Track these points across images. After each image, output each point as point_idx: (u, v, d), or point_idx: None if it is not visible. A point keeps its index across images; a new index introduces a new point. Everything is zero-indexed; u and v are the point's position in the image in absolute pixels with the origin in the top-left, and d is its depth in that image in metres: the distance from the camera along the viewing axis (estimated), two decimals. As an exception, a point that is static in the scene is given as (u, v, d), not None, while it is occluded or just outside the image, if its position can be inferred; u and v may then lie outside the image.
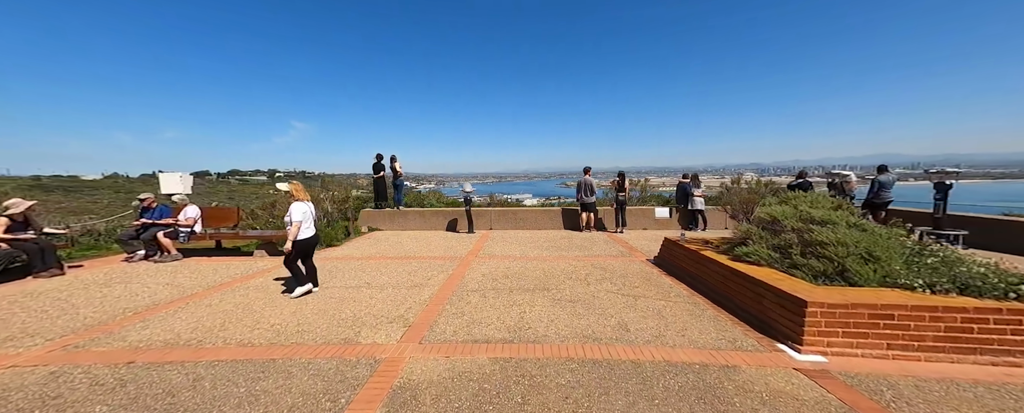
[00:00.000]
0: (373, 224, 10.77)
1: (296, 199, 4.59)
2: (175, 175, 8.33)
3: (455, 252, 7.47)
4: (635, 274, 5.54)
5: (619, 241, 8.44)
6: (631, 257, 6.78)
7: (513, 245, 8.15)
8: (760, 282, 3.56)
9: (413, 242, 8.67)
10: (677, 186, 10.40)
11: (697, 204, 9.65)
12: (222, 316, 4.01)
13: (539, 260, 6.64)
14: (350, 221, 9.23)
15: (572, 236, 9.25)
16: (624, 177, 9.85)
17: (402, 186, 11.14)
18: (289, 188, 4.70)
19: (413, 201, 15.55)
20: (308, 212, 4.61)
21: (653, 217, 10.28)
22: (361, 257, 7.06)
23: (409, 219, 10.82)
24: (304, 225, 4.53)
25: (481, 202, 14.11)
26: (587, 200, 9.82)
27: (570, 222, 10.54)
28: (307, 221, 4.58)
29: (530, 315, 3.96)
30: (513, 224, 10.72)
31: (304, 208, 4.54)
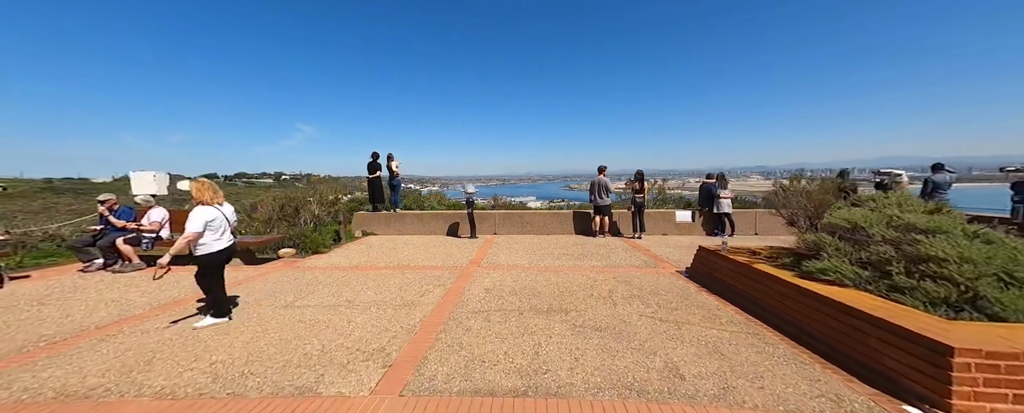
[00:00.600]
0: (368, 228, 9.94)
1: (199, 202, 3.61)
2: (148, 174, 7.53)
3: (455, 260, 6.60)
4: (669, 290, 4.63)
5: (639, 248, 7.53)
6: (658, 268, 5.87)
7: (520, 252, 7.27)
8: (859, 312, 2.65)
9: (410, 248, 7.81)
10: (700, 187, 9.48)
11: (724, 207, 8.72)
12: (155, 348, 3.16)
13: (552, 271, 5.75)
14: (341, 225, 8.40)
15: (585, 242, 8.35)
16: (643, 177, 8.95)
17: (399, 187, 10.31)
18: (190, 188, 3.75)
19: (413, 203, 14.72)
20: (220, 220, 3.64)
21: (674, 221, 9.36)
22: (348, 266, 6.20)
23: (407, 223, 9.97)
24: (209, 236, 3.55)
25: (485, 205, 13.25)
26: (602, 202, 8.93)
27: (582, 226, 9.64)
28: (215, 232, 3.59)
29: (547, 349, 3.07)
30: (519, 228, 9.84)
31: (209, 215, 3.54)
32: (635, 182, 8.89)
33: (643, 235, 8.86)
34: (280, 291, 4.79)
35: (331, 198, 7.87)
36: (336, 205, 8.15)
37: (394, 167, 10.00)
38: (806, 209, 3.98)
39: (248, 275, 5.65)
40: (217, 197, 3.74)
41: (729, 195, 8.82)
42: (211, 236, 3.58)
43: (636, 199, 8.84)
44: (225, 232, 3.73)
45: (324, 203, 7.67)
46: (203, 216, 3.51)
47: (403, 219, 9.99)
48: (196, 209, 3.54)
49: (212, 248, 3.60)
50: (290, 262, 6.56)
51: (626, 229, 9.44)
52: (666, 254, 6.91)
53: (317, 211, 7.53)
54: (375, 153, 10.03)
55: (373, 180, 9.98)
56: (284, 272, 5.82)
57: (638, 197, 8.84)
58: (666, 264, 6.14)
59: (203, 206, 3.59)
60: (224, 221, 3.73)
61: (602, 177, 9.02)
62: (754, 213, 9.12)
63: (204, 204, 3.61)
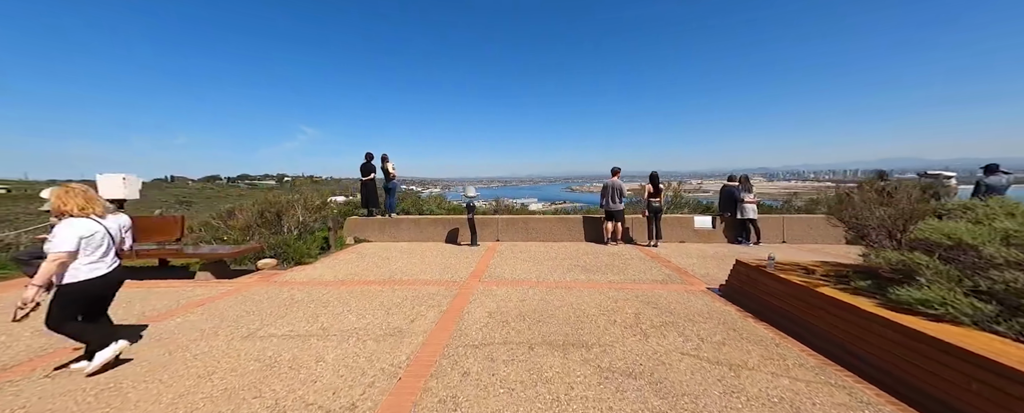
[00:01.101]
0: (361, 234, 9.22)
1: (65, 214, 2.77)
2: (117, 177, 6.81)
3: (454, 273, 5.87)
4: (707, 316, 3.88)
5: (658, 258, 6.78)
6: (685, 284, 5.12)
7: (526, 263, 6.53)
8: (1013, 372, 1.90)
9: (404, 258, 7.09)
10: (721, 190, 8.72)
11: (748, 212, 7.96)
12: (56, 402, 2.43)
13: (563, 287, 5.01)
14: (331, 231, 7.68)
15: (597, 251, 7.60)
16: (658, 180, 8.21)
17: (395, 190, 9.60)
18: (49, 196, 2.95)
19: (411, 206, 14.03)
20: (100, 236, 2.83)
21: (692, 227, 8.60)
22: (332, 281, 5.48)
23: (402, 229, 9.25)
24: (83, 259, 2.73)
25: (486, 209, 12.53)
26: (614, 207, 8.19)
27: (592, 233, 8.90)
28: (90, 253, 2.76)
29: (570, 410, 2.34)
30: (524, 235, 9.11)
31: (83, 229, 2.74)
32: (650, 185, 8.14)
33: (660, 243, 8.11)
34: (246, 315, 4.07)
35: (318, 202, 7.15)
36: (324, 210, 7.43)
37: (389, 169, 9.30)
38: (888, 220, 3.23)
39: (215, 292, 4.92)
40: (92, 206, 2.87)
41: (754, 199, 8.06)
42: (85, 259, 2.75)
43: (652, 204, 8.09)
44: (107, 253, 2.91)
45: (310, 208, 6.96)
46: (76, 231, 2.69)
47: (398, 225, 9.27)
48: (63, 223, 2.72)
49: (82, 275, 2.72)
50: (268, 275, 5.84)
51: (639, 236, 8.70)
52: (690, 266, 6.16)
53: (302, 217, 6.82)
54: (369, 154, 9.33)
55: (366, 183, 9.28)
56: (257, 288, 5.09)
57: (654, 201, 8.09)
58: (693, 279, 5.39)
59: (73, 219, 2.75)
60: (106, 237, 2.89)
61: (615, 179, 8.29)
62: (781, 218, 8.35)
63: (71, 216, 2.76)
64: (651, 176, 8.24)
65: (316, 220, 7.39)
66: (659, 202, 8.17)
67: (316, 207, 7.06)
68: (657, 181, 8.18)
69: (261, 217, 6.46)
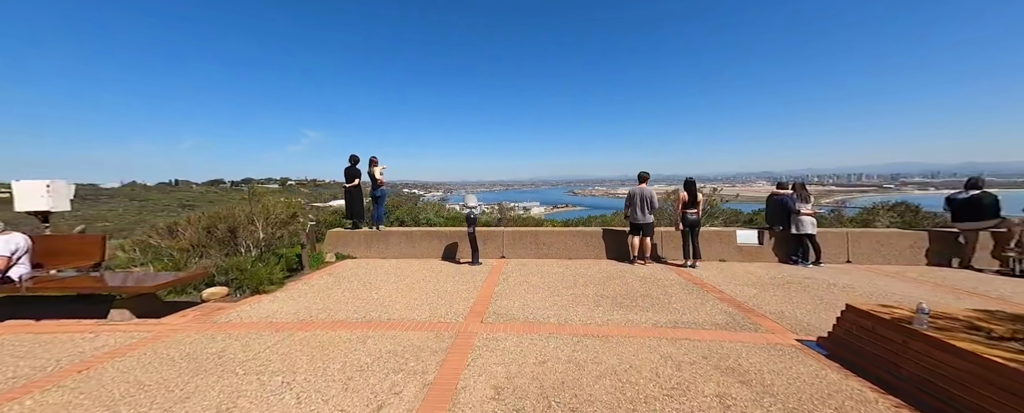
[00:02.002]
0: (345, 249, 7.92)
1: None
2: (39, 184, 5.55)
3: (449, 307, 4.56)
4: (826, 398, 2.54)
5: (704, 286, 5.43)
6: (764, 333, 3.76)
7: (540, 292, 5.20)
8: None
9: (390, 282, 5.77)
10: (768, 200, 7.37)
11: (806, 226, 6.60)
12: None
13: (596, 336, 3.67)
14: (304, 248, 6.38)
15: (624, 274, 6.26)
16: (695, 187, 6.88)
17: (383, 198, 8.30)
18: None
19: (406, 215, 12.73)
20: None
21: (733, 243, 7.25)
22: (290, 322, 4.16)
23: (392, 243, 7.95)
24: None
25: (489, 218, 11.21)
26: (643, 220, 6.86)
27: (614, 249, 7.56)
28: None
29: None
30: (534, 250, 7.78)
31: None
32: (684, 193, 6.81)
33: (697, 263, 6.76)
34: (133, 392, 2.75)
35: (284, 216, 5.83)
36: (293, 223, 6.12)
37: (377, 174, 8.01)
38: None
39: (123, 342, 3.61)
40: None
41: (813, 211, 6.70)
42: None
43: (688, 216, 6.75)
44: None
45: (273, 223, 5.64)
46: None
47: (388, 239, 7.96)
48: None
49: None
50: (210, 311, 4.52)
51: (669, 253, 7.37)
52: (751, 299, 4.81)
53: (263, 234, 5.51)
54: (354, 157, 8.05)
55: (351, 190, 7.99)
56: (182, 336, 3.78)
57: (690, 213, 6.75)
58: (768, 322, 4.04)
59: None
60: None
61: (644, 187, 6.97)
62: (845, 234, 6.96)
63: None
64: (686, 183, 6.91)
65: (282, 237, 6.09)
66: (696, 214, 6.84)
67: (281, 221, 5.77)
68: (694, 188, 6.85)
69: (208, 234, 5.18)
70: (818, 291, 5.14)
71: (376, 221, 8.14)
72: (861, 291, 5.14)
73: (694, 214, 6.82)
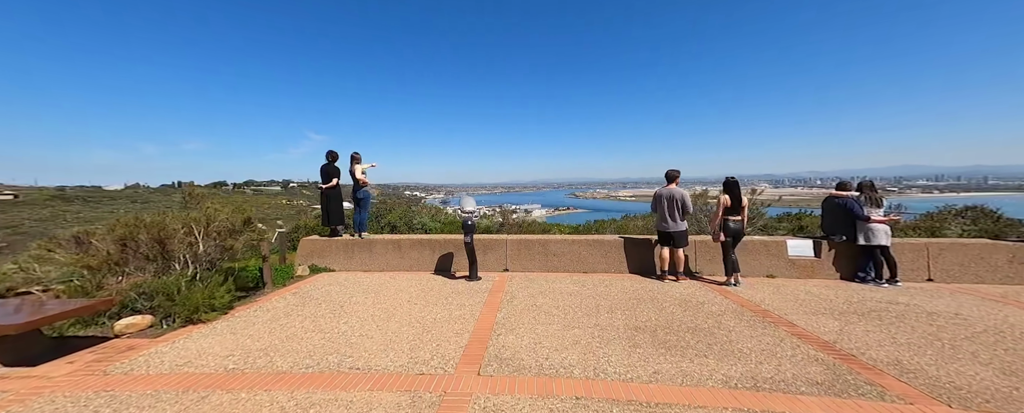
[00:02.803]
0: (321, 260, 6.77)
1: None
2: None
3: (435, 351, 3.38)
4: None
5: (766, 315, 4.24)
6: (901, 403, 2.57)
7: (556, 323, 4.02)
8: None
9: (365, 307, 4.60)
10: (825, 203, 6.15)
11: (879, 237, 5.39)
12: None
13: (648, 405, 2.49)
14: (265, 261, 5.24)
15: (656, 295, 5.07)
16: (739, 189, 5.69)
17: (367, 202, 7.14)
18: None
19: (399, 220, 11.57)
20: None
21: (784, 256, 6.04)
22: (215, 373, 2.99)
23: (377, 253, 6.78)
24: None
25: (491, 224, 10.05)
26: (674, 227, 5.68)
27: (636, 261, 6.38)
28: None
29: None
30: (542, 262, 6.61)
31: None
32: (726, 196, 5.62)
33: (740, 280, 5.57)
34: None
35: (231, 224, 4.62)
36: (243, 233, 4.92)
37: (359, 174, 6.86)
38: None
39: None
40: None
41: (888, 218, 5.48)
42: None
43: (730, 224, 5.56)
44: None
45: (214, 234, 4.43)
46: None
47: (371, 248, 6.80)
48: None
49: None
50: (110, 355, 3.36)
51: (701, 265, 6.18)
52: (839, 336, 3.60)
53: (202, 248, 4.34)
54: (332, 153, 6.89)
55: (329, 191, 6.84)
56: (42, 402, 2.62)
57: (733, 220, 5.57)
58: (887, 377, 2.84)
59: None
60: None
61: (674, 188, 5.79)
62: (924, 246, 5.73)
63: None
64: (728, 184, 5.71)
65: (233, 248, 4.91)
66: (740, 221, 5.65)
67: (227, 231, 4.58)
68: (738, 190, 5.66)
69: (123, 248, 4.01)
70: (921, 324, 3.93)
71: (358, 228, 6.98)
72: (978, 323, 3.93)
73: (738, 222, 5.64)
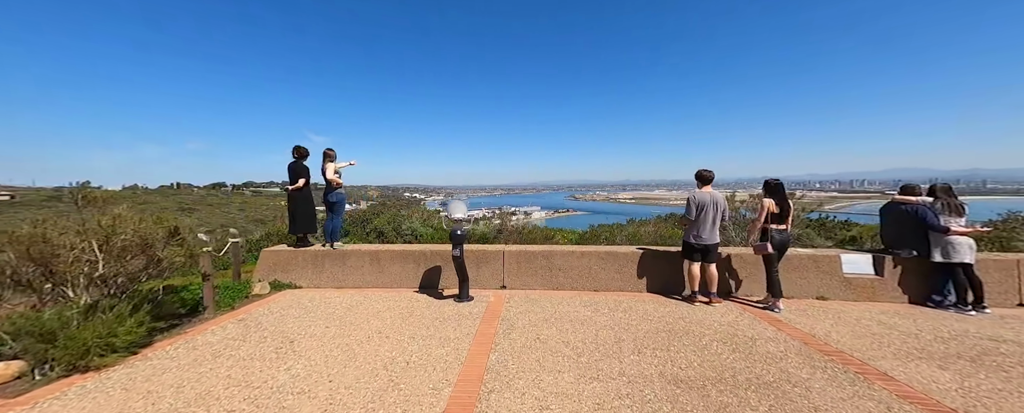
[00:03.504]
0: (285, 275, 5.75)
1: None
2: None
3: (408, 405, 2.38)
4: None
5: (842, 358, 3.22)
6: None
7: (568, 370, 3.01)
8: None
9: (326, 341, 3.59)
10: (886, 211, 5.13)
11: (961, 252, 4.36)
12: None
13: None
14: (206, 280, 4.22)
15: (691, 325, 4.05)
16: (784, 192, 4.69)
17: (341, 206, 6.10)
18: None
19: (387, 224, 10.53)
20: None
21: (837, 273, 5.02)
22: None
23: (351, 267, 5.76)
24: None
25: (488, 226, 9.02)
26: (710, 240, 4.66)
27: (658, 277, 5.37)
28: None
29: None
30: (546, 278, 5.60)
31: None
32: (770, 200, 4.61)
33: (782, 304, 4.57)
34: None
35: (144, 238, 3.51)
36: (164, 246, 3.84)
37: (331, 174, 5.85)
38: None
39: None
40: None
41: (971, 230, 4.47)
42: None
43: (775, 235, 4.56)
44: None
45: (117, 251, 3.33)
46: None
47: (345, 260, 5.78)
48: None
49: None
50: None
51: (734, 283, 5.18)
52: (966, 398, 2.58)
53: (104, 268, 3.29)
54: (300, 149, 5.86)
55: (297, 194, 5.82)
56: None
57: (778, 230, 4.58)
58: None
59: None
60: None
61: (714, 192, 4.78)
62: (1014, 261, 4.70)
63: None
64: (770, 186, 4.70)
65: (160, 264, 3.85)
66: (786, 230, 4.65)
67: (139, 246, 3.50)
68: (784, 193, 4.66)
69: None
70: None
71: (330, 237, 5.95)
72: None
73: (784, 232, 4.64)
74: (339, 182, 5.94)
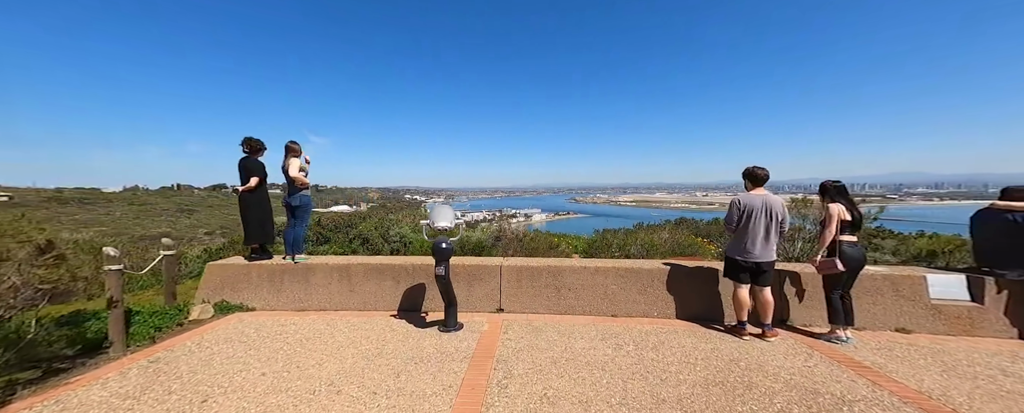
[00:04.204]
0: (236, 295, 4.73)
1: None
2: None
3: None
4: None
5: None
6: None
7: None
8: None
9: (251, 402, 2.56)
10: (982, 219, 4.10)
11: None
12: None
13: None
14: (112, 307, 3.20)
15: (744, 367, 3.02)
16: (848, 195, 3.68)
17: (307, 211, 5.06)
18: None
19: (374, 230, 9.50)
20: None
21: (921, 298, 3.99)
22: None
23: (316, 285, 4.74)
24: None
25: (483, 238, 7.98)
26: (765, 256, 3.63)
27: (692, 300, 4.34)
28: None
29: None
30: (553, 301, 4.57)
31: None
32: (841, 205, 3.60)
33: (850, 334, 3.56)
34: None
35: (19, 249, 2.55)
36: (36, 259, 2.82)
37: (295, 172, 4.82)
38: None
39: None
40: None
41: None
42: None
43: (848, 249, 3.55)
44: None
45: None
46: None
47: (309, 277, 4.75)
48: None
49: None
50: None
51: (796, 309, 4.14)
52: None
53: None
54: (251, 142, 4.81)
55: (250, 197, 4.79)
56: None
57: (850, 244, 3.57)
58: None
59: None
60: None
61: (768, 195, 3.76)
62: None
63: None
64: (834, 189, 3.70)
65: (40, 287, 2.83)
66: (858, 244, 3.63)
67: None
68: (850, 197, 3.65)
69: None
70: None
71: (292, 248, 4.92)
72: None
73: (858, 247, 3.62)
74: (305, 181, 4.93)
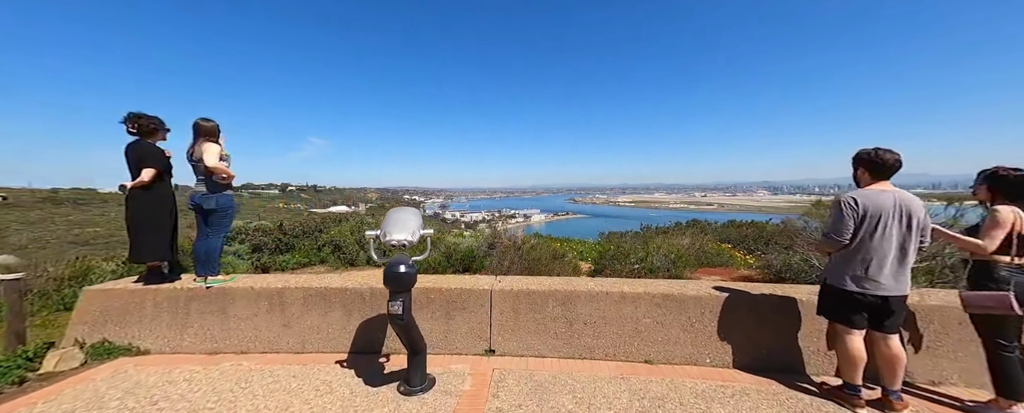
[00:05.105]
0: (123, 331, 3.39)
1: None
2: None
3: None
4: None
5: None
6: None
7: None
8: None
9: None
10: None
11: None
12: None
13: None
14: None
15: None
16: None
17: (226, 214, 3.70)
18: None
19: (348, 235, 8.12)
20: None
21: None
22: None
23: (236, 318, 3.41)
24: None
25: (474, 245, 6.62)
26: (888, 288, 2.32)
27: (751, 341, 3.05)
28: None
29: None
30: (564, 338, 3.26)
31: None
32: (1010, 207, 2.33)
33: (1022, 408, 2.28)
34: None
35: None
36: None
37: (211, 161, 3.46)
38: None
39: None
40: None
41: None
42: None
43: (1021, 278, 2.27)
44: None
45: None
46: None
47: (228, 306, 3.42)
48: None
49: None
50: None
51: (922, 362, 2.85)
52: None
53: None
54: (140, 119, 3.45)
55: (142, 197, 3.44)
56: None
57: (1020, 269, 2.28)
58: None
59: None
60: None
61: (892, 190, 2.43)
62: None
63: None
64: (1008, 179, 2.42)
65: None
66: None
67: None
68: None
69: None
70: None
71: (203, 267, 3.56)
72: None
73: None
74: (228, 173, 3.57)
